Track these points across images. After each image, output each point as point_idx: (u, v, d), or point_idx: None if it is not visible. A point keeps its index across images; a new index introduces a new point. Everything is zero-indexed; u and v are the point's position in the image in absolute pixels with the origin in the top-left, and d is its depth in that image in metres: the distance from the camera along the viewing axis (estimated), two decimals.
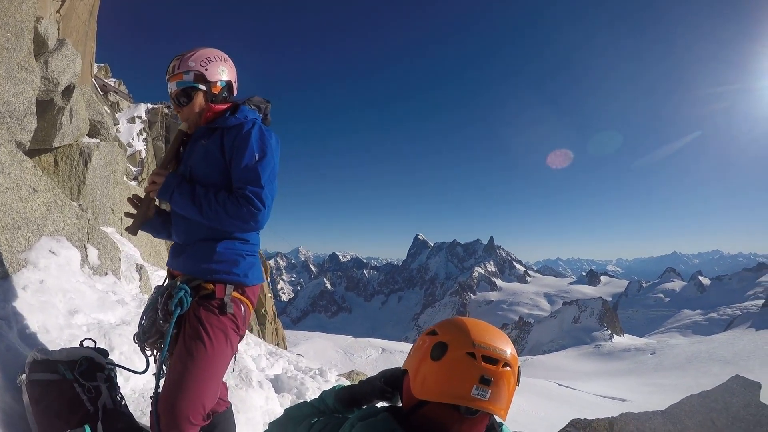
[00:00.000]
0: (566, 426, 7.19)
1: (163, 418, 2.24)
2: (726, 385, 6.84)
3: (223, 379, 2.69)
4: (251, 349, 7.64)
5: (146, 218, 2.68)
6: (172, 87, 2.53)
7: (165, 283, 2.57)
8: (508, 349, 1.52)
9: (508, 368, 1.49)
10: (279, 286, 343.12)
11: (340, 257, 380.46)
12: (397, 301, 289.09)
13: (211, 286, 2.40)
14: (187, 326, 2.38)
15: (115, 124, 14.14)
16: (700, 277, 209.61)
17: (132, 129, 16.30)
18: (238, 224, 2.34)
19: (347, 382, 4.66)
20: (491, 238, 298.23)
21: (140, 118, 17.02)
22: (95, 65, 14.40)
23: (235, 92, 2.70)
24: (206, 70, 2.52)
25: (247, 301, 2.52)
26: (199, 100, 2.54)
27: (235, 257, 2.45)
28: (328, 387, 5.28)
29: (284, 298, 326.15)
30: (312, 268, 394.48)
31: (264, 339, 18.24)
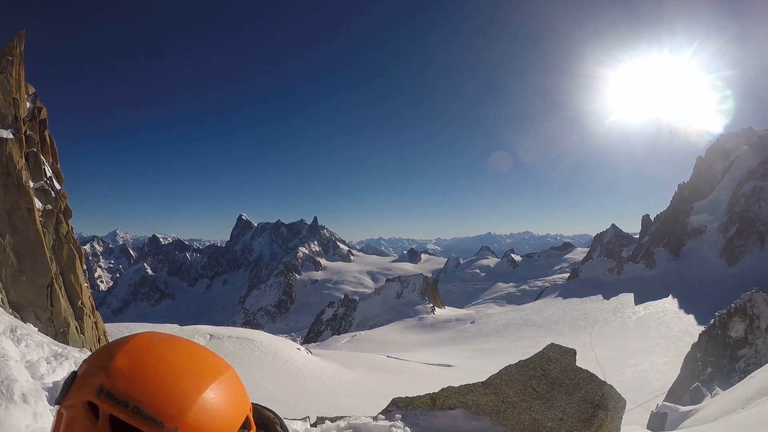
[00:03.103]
0: (388, 406, 7.24)
1: None
2: (543, 353, 7.24)
3: None
4: (31, 352, 6.15)
5: None
6: None
7: None
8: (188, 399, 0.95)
9: None
10: (96, 274, 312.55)
11: (161, 240, 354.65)
12: (222, 284, 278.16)
13: None
14: None
15: None
16: (512, 255, 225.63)
17: None
18: None
19: None
20: (315, 219, 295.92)
21: None
22: None
23: None
24: None
25: None
26: None
27: None
28: None
29: (103, 287, 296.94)
30: (131, 252, 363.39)
31: (83, 335, 16.67)
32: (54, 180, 17.65)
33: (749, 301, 40.58)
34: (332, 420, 7.04)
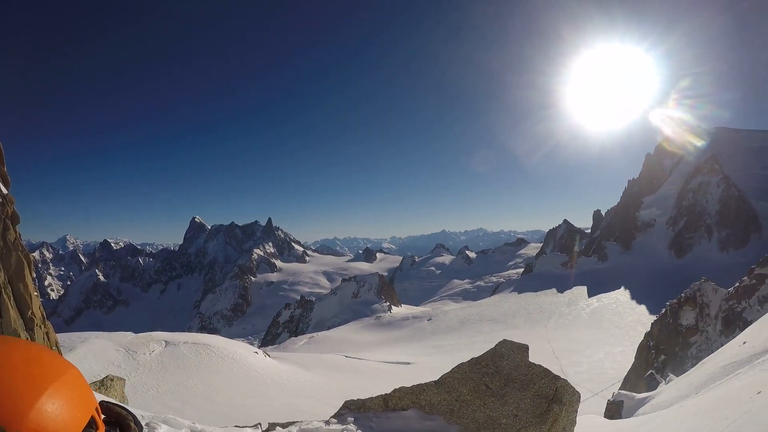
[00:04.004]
0: (340, 409, 6.94)
1: None
2: (495, 350, 6.99)
3: None
4: None
5: None
6: None
7: None
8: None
9: None
10: (47, 282, 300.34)
11: (113, 244, 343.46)
12: (177, 289, 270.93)
13: None
14: None
15: None
16: (467, 252, 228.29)
17: None
18: None
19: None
20: (269, 220, 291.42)
21: None
22: None
23: None
24: None
25: None
26: None
27: None
28: None
29: (53, 296, 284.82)
30: (82, 258, 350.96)
31: None
32: (0, 184, 16.54)
33: (699, 290, 41.43)
34: (284, 426, 6.94)
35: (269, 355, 38.84)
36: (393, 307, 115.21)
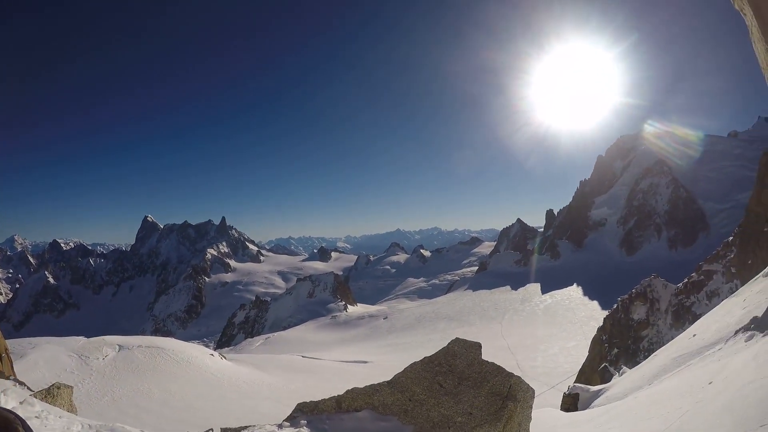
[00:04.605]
0: (293, 411, 6.80)
1: None
2: (448, 348, 6.94)
3: None
4: None
5: None
6: None
7: None
8: None
9: None
10: None
11: (62, 245, 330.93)
12: (129, 291, 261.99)
13: None
14: None
15: None
16: (421, 250, 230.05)
17: None
18: None
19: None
20: (223, 219, 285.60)
21: None
22: None
23: None
24: None
25: None
26: None
27: None
28: None
29: (1, 299, 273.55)
30: (31, 260, 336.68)
31: None
32: None
33: (649, 286, 42.46)
34: (236, 431, 6.75)
35: (225, 357, 38.12)
36: (349, 306, 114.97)
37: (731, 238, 38.20)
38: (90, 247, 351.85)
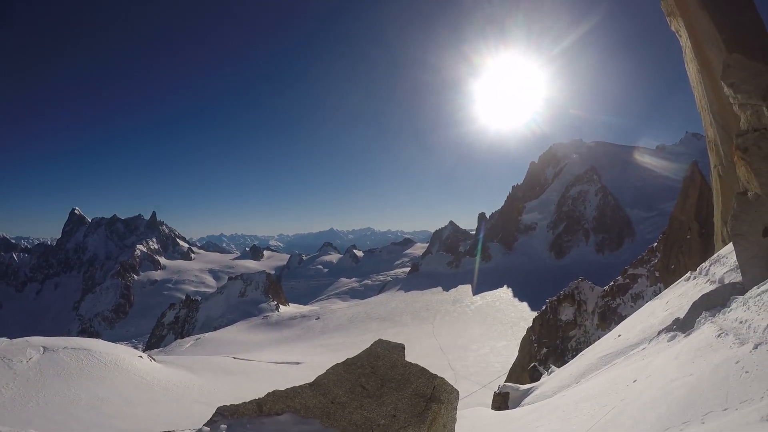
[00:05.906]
0: (213, 416, 6.71)
1: None
2: (370, 350, 7.00)
3: None
4: None
5: None
6: None
7: None
8: None
9: None
10: None
11: None
12: (54, 289, 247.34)
13: None
14: None
15: None
16: (354, 250, 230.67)
17: None
18: None
19: None
20: (154, 214, 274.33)
21: None
22: None
23: None
24: None
25: None
26: None
27: None
28: None
29: None
30: None
31: None
32: None
33: (576, 288, 43.82)
34: None
35: (155, 359, 36.86)
36: (281, 306, 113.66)
37: (656, 244, 40.02)
38: (13, 241, 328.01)
